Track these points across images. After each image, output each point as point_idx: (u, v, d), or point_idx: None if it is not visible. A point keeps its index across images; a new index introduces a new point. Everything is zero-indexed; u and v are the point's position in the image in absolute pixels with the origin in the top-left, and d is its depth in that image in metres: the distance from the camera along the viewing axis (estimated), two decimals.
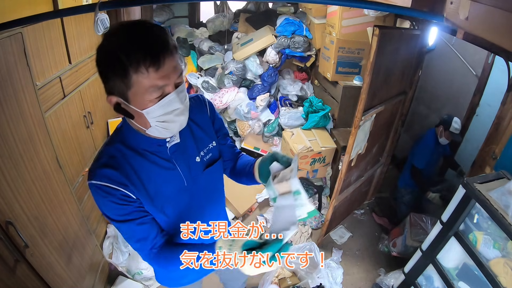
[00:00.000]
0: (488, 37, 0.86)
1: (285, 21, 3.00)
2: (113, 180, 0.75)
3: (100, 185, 0.74)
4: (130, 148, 0.78)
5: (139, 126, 0.74)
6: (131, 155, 0.78)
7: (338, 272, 2.15)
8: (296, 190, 0.74)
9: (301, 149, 2.64)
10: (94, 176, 0.74)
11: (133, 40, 0.63)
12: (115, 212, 0.77)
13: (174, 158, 0.83)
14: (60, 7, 1.21)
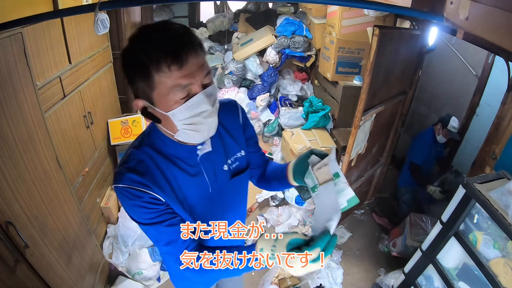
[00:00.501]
0: (488, 37, 0.86)
1: (285, 21, 3.00)
2: (141, 183, 0.72)
3: (128, 187, 0.72)
4: (159, 153, 0.76)
5: (167, 131, 0.73)
6: (160, 160, 0.76)
7: (338, 272, 2.15)
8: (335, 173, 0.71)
9: (301, 149, 2.64)
10: (121, 179, 0.72)
11: (154, 39, 0.62)
12: (143, 216, 0.75)
13: (202, 164, 0.81)
14: (60, 7, 1.22)
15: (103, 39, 2.18)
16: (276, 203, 2.77)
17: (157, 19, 3.39)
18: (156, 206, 0.75)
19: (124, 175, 0.72)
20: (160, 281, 2.11)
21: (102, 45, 2.17)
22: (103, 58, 2.21)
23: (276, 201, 2.77)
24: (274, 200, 2.78)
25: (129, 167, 0.73)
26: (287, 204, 2.76)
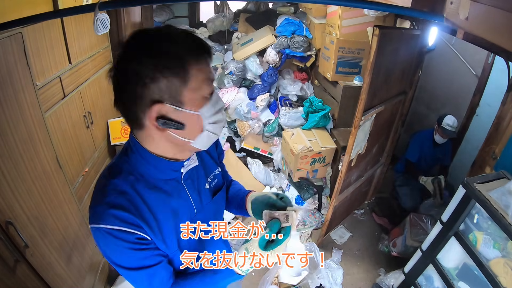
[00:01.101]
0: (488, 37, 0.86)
1: (285, 21, 3.00)
2: (127, 223, 0.63)
3: (111, 229, 0.61)
4: (142, 179, 0.68)
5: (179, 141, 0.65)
6: (142, 187, 0.67)
7: (338, 272, 2.15)
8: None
9: (301, 149, 2.64)
10: (101, 218, 0.62)
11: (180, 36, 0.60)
12: (129, 260, 0.66)
13: (186, 185, 0.76)
14: (60, 7, 1.22)
15: (103, 39, 2.18)
16: None
17: (157, 19, 3.39)
18: (144, 246, 0.66)
19: (105, 213, 0.62)
20: None
21: (102, 45, 2.17)
22: (103, 58, 2.21)
23: None
24: None
25: (110, 202, 0.63)
26: None
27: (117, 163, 0.69)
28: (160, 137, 0.64)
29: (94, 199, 0.65)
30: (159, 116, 0.60)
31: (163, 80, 0.58)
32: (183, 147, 0.68)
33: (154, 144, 0.66)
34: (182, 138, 0.65)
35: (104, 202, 0.63)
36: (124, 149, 0.71)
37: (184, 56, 0.59)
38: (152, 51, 0.58)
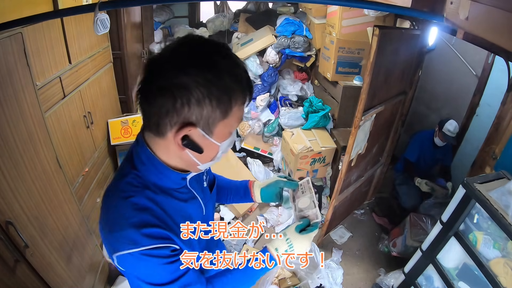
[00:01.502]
0: (488, 37, 0.86)
1: (285, 21, 3.00)
2: (160, 238, 0.62)
3: (147, 250, 0.60)
4: (158, 190, 0.67)
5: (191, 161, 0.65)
6: (161, 199, 0.66)
7: (338, 272, 2.15)
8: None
9: (301, 149, 2.64)
10: (135, 242, 0.60)
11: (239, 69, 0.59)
12: (165, 276, 0.65)
13: (193, 188, 0.77)
14: (60, 7, 1.21)
15: (103, 39, 2.18)
16: (276, 203, 2.77)
17: (157, 19, 3.39)
18: (177, 257, 0.66)
19: (137, 236, 0.60)
20: None
21: (102, 45, 2.17)
22: (103, 58, 2.21)
23: None
24: None
25: (137, 223, 0.61)
26: None
27: (128, 181, 0.65)
28: (175, 151, 0.64)
29: (115, 225, 0.61)
30: (184, 136, 0.60)
31: (208, 107, 0.57)
32: (189, 165, 0.68)
33: (167, 155, 0.66)
34: (194, 159, 0.65)
35: (131, 225, 0.60)
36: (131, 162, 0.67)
37: (235, 92, 0.58)
38: (213, 76, 0.56)
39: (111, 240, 0.62)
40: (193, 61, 0.56)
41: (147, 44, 3.05)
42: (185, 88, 0.55)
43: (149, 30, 3.08)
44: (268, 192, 0.99)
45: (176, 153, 0.64)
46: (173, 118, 0.57)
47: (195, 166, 0.67)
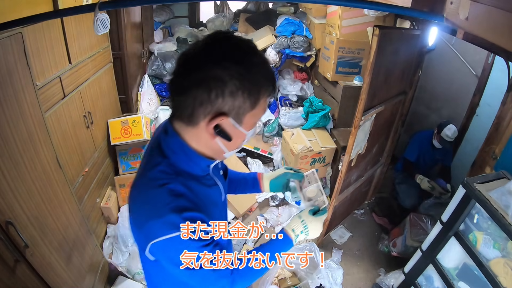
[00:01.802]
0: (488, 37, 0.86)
1: (285, 21, 3.00)
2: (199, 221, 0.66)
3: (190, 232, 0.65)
4: (189, 177, 0.71)
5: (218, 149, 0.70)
6: (193, 184, 0.70)
7: (338, 272, 2.15)
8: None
9: (301, 149, 2.64)
10: (177, 226, 0.63)
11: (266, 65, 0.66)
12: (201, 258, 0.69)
13: (214, 175, 0.81)
14: (60, 7, 1.21)
15: (103, 39, 2.18)
16: (276, 203, 2.77)
17: (157, 19, 3.39)
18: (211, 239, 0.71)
19: (179, 220, 0.63)
20: None
21: (102, 45, 2.17)
22: (103, 58, 2.21)
23: (276, 201, 2.77)
24: (274, 200, 2.78)
25: (177, 207, 0.64)
26: (287, 204, 2.76)
27: (161, 169, 0.68)
28: (206, 140, 0.68)
29: (155, 212, 0.64)
30: (217, 125, 0.64)
31: (240, 98, 0.62)
32: (216, 153, 0.73)
33: (197, 143, 0.70)
34: (222, 147, 0.70)
35: (171, 210, 0.64)
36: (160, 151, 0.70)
37: (263, 86, 0.64)
38: (246, 70, 0.60)
39: (150, 228, 0.64)
40: (228, 56, 0.60)
41: (147, 44, 3.04)
42: (220, 81, 0.59)
43: (149, 30, 3.08)
44: (277, 183, 1.04)
45: (207, 141, 0.68)
46: (207, 108, 0.62)
47: (222, 154, 0.73)
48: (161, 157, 0.70)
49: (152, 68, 2.98)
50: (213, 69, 0.59)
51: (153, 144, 0.74)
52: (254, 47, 0.64)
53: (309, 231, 0.87)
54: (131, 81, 2.66)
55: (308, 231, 0.87)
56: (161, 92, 3.13)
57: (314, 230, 0.88)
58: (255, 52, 0.64)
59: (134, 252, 2.09)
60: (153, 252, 0.68)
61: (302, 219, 0.87)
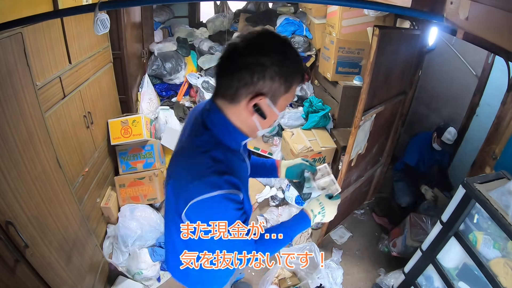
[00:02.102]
0: (488, 37, 0.86)
1: (285, 21, 3.00)
2: (236, 186, 0.75)
3: (228, 193, 0.73)
4: (227, 149, 0.80)
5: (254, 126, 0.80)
6: (230, 155, 0.80)
7: (338, 272, 2.14)
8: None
9: (301, 149, 2.64)
10: (218, 186, 0.72)
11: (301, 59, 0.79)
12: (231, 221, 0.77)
13: (243, 152, 0.92)
14: (60, 7, 1.21)
15: (103, 39, 2.18)
16: (276, 203, 2.77)
17: (157, 19, 3.39)
18: (242, 205, 0.79)
19: (220, 180, 0.72)
20: (160, 281, 2.11)
21: (102, 45, 2.17)
22: (103, 58, 2.21)
23: (276, 201, 2.77)
24: (274, 200, 2.78)
25: (219, 170, 0.73)
26: (287, 204, 2.76)
27: (203, 139, 0.79)
28: (245, 116, 0.78)
29: (199, 174, 0.73)
30: (255, 104, 0.74)
31: (277, 83, 0.73)
32: (251, 130, 0.83)
33: (236, 119, 0.79)
34: (257, 124, 0.80)
35: (213, 172, 0.73)
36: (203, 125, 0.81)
37: (296, 75, 0.76)
38: (284, 59, 0.72)
39: (192, 188, 0.73)
40: (270, 47, 0.72)
41: (147, 44, 3.05)
42: (263, 66, 0.70)
43: (149, 30, 3.08)
44: (292, 170, 1.13)
45: (245, 118, 0.78)
46: (249, 88, 0.72)
47: (255, 131, 0.82)
48: (204, 129, 0.80)
49: (152, 68, 2.98)
50: (257, 56, 0.70)
51: (196, 119, 0.84)
52: (290, 42, 0.75)
53: (326, 213, 0.97)
54: (131, 81, 2.66)
55: (325, 212, 0.97)
56: (161, 92, 3.14)
57: (330, 212, 0.98)
58: (291, 46, 0.75)
59: (134, 252, 2.09)
60: (190, 213, 0.76)
61: (320, 201, 0.98)
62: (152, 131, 2.57)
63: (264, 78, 0.71)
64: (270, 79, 0.71)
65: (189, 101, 3.21)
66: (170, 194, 0.81)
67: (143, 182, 2.35)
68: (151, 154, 2.44)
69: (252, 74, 0.70)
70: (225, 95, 0.77)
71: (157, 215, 2.32)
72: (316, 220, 0.97)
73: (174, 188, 0.80)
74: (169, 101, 3.11)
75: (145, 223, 2.18)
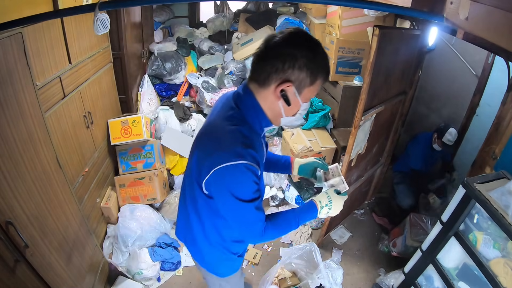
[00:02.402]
0: (488, 37, 0.86)
1: (285, 21, 3.00)
2: (257, 160, 0.83)
3: (249, 165, 0.80)
4: (251, 129, 0.89)
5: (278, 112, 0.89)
6: (253, 135, 0.89)
7: (338, 272, 2.15)
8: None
9: (301, 149, 2.64)
10: (243, 156, 0.80)
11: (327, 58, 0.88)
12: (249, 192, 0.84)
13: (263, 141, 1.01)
14: (60, 7, 1.21)
15: (103, 39, 2.18)
16: (276, 203, 2.77)
17: (157, 19, 3.39)
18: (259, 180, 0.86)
19: (245, 152, 0.80)
20: (160, 281, 2.11)
21: (102, 45, 2.17)
22: (103, 58, 2.21)
23: (276, 201, 2.77)
24: (274, 200, 2.78)
25: (245, 143, 0.82)
26: (287, 204, 2.76)
27: (234, 115, 0.88)
28: (272, 100, 0.87)
29: (226, 143, 0.82)
30: (283, 89, 0.84)
31: (303, 74, 0.82)
32: (275, 116, 0.91)
33: (264, 102, 0.89)
34: (281, 110, 0.88)
35: (240, 143, 0.81)
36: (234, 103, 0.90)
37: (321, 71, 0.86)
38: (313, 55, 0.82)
39: (219, 156, 0.81)
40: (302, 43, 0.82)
41: (147, 44, 3.05)
42: (294, 56, 0.80)
43: (149, 30, 3.08)
44: (305, 168, 1.20)
45: (271, 102, 0.87)
46: (279, 74, 0.82)
47: (279, 118, 0.91)
48: (235, 107, 0.89)
49: (152, 68, 2.98)
50: (291, 49, 0.81)
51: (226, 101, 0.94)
52: (319, 43, 0.85)
53: (332, 206, 1.03)
54: (131, 81, 2.66)
55: (331, 205, 1.03)
56: (161, 92, 3.13)
57: (336, 206, 1.04)
58: (320, 46, 0.85)
59: (134, 252, 2.09)
60: (211, 180, 0.84)
61: (329, 195, 1.04)
62: (152, 131, 2.56)
63: (294, 67, 0.80)
64: (298, 69, 0.81)
65: (189, 101, 3.21)
66: (194, 165, 0.90)
67: (143, 182, 2.35)
68: (151, 154, 2.44)
69: (283, 62, 0.80)
70: (258, 79, 0.86)
71: (157, 215, 2.32)
72: (323, 212, 1.03)
73: (198, 157, 0.88)
74: (169, 101, 3.10)
75: (145, 223, 2.18)
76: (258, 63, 0.85)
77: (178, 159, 2.70)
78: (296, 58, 0.80)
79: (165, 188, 2.51)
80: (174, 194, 2.49)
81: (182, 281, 2.12)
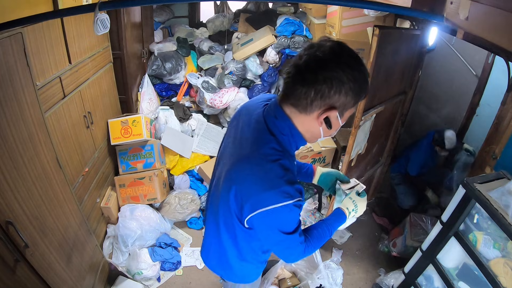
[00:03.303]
0: (488, 37, 0.86)
1: (285, 21, 3.00)
2: (301, 193, 0.80)
3: (298, 201, 0.78)
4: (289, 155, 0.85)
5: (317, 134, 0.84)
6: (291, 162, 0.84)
7: (338, 272, 2.15)
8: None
9: (301, 149, 2.64)
10: (291, 195, 0.77)
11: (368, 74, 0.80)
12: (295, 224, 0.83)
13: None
14: (60, 7, 1.22)
15: (103, 39, 2.18)
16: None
17: (157, 19, 3.38)
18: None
19: (292, 190, 0.77)
20: (160, 281, 2.11)
21: (102, 45, 2.17)
22: (103, 58, 2.21)
23: None
24: None
25: (289, 180, 0.78)
26: None
27: (272, 147, 0.81)
28: (312, 125, 0.82)
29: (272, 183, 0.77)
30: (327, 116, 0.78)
31: (349, 97, 0.76)
32: (313, 137, 0.86)
33: (302, 126, 0.83)
34: (321, 132, 0.84)
35: (286, 181, 0.77)
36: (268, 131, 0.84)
37: (364, 92, 0.79)
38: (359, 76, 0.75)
39: (265, 197, 0.77)
40: (348, 63, 0.74)
41: (147, 44, 3.04)
42: (341, 81, 0.73)
43: (149, 30, 3.08)
44: (326, 178, 1.17)
45: (311, 126, 0.82)
46: (325, 101, 0.75)
47: (317, 138, 0.87)
48: (270, 135, 0.83)
49: (152, 68, 2.98)
50: (338, 72, 0.72)
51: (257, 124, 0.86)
52: (361, 59, 0.77)
53: (358, 209, 1.04)
54: (131, 81, 2.66)
55: (357, 208, 1.04)
56: (161, 92, 3.13)
57: (361, 208, 1.05)
58: (362, 62, 0.77)
59: (134, 252, 2.09)
60: (256, 219, 0.80)
61: (353, 199, 1.04)
62: (152, 131, 2.56)
63: (340, 92, 0.74)
64: (344, 94, 0.75)
65: (189, 101, 3.21)
66: (232, 199, 0.84)
67: (143, 182, 2.35)
68: (151, 154, 2.44)
69: (330, 87, 0.73)
70: (297, 105, 0.79)
71: (157, 215, 2.32)
72: (350, 217, 1.03)
73: (238, 193, 0.82)
74: (169, 101, 3.10)
75: (145, 223, 2.18)
76: (297, 84, 0.76)
77: (178, 159, 2.70)
78: (343, 83, 0.73)
79: (165, 188, 2.51)
80: (174, 194, 2.49)
81: (182, 281, 2.12)
